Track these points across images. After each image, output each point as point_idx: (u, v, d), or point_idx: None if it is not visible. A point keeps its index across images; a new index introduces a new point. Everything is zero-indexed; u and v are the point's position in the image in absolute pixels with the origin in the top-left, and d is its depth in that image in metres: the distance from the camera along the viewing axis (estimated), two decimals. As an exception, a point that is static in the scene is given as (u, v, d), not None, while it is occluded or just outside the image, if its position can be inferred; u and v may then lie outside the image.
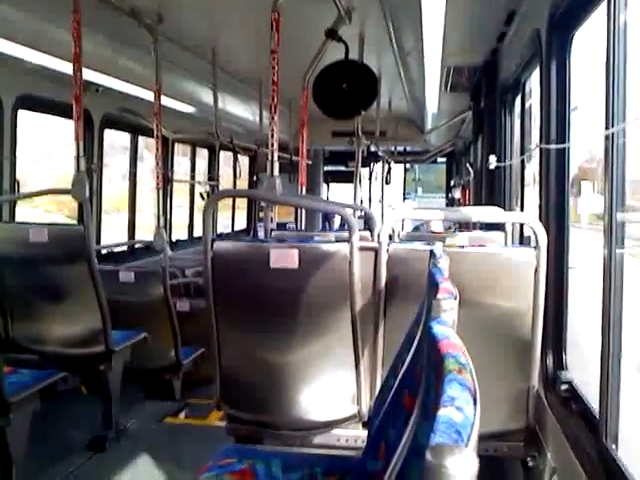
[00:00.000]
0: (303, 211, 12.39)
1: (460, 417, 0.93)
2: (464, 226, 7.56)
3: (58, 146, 9.17)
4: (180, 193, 10.11)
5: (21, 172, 5.81)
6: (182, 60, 7.02)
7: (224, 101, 7.90)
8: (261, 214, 11.55)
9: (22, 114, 5.77)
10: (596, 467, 2.46)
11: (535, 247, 3.04)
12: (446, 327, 1.38)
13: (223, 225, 11.81)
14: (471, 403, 0.98)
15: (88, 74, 5.03)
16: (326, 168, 15.84)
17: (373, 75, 6.23)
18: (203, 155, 10.73)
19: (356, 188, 8.84)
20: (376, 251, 3.11)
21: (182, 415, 5.51)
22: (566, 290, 3.43)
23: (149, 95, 6.06)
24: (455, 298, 1.56)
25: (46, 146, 9.23)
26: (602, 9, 2.70)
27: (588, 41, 3.38)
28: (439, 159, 16.30)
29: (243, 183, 12.01)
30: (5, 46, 4.59)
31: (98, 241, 7.00)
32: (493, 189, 6.34)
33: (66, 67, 4.75)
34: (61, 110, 6.16)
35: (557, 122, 3.47)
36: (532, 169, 5.54)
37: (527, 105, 5.40)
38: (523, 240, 5.20)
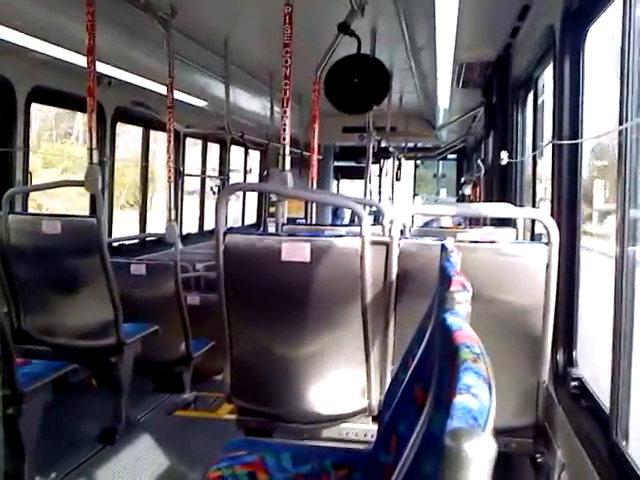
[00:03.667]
0: (313, 206, 12.41)
1: (476, 404, 0.94)
2: (475, 222, 7.54)
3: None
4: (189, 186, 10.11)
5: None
6: (194, 53, 7.02)
7: (235, 95, 7.89)
8: (271, 209, 11.55)
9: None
10: (606, 463, 2.45)
11: (547, 243, 3.03)
12: (460, 319, 1.38)
13: (232, 219, 11.82)
14: (487, 390, 0.98)
15: (101, 67, 5.04)
16: (336, 164, 15.76)
17: (385, 70, 6.19)
18: (214, 150, 10.75)
19: (366, 184, 8.82)
20: (387, 245, 3.11)
21: (192, 408, 5.53)
22: (577, 287, 3.42)
23: (161, 88, 6.07)
24: (468, 291, 1.56)
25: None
26: (617, 4, 2.68)
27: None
28: (449, 155, 16.17)
29: (253, 178, 12.01)
30: (19, 38, 4.61)
31: (110, 233, 7.02)
32: (504, 185, 6.32)
33: (79, 60, 4.77)
34: (73, 103, 6.18)
35: (570, 118, 3.46)
36: (544, 165, 5.51)
37: (539, 101, 5.38)
38: (534, 237, 5.18)
